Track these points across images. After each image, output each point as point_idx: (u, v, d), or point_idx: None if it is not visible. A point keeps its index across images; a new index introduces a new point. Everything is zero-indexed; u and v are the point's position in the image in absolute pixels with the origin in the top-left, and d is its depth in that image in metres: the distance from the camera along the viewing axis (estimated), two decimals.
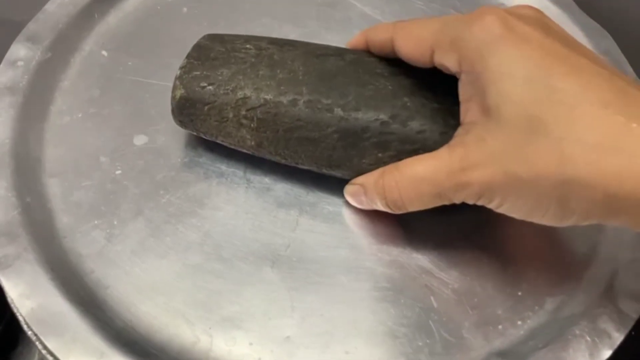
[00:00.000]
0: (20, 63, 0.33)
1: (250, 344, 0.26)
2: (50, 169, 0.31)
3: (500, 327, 0.28)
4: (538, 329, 0.28)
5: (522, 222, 0.25)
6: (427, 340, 0.27)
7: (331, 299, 0.28)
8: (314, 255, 0.29)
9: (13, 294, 0.26)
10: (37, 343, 0.25)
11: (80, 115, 0.33)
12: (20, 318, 0.26)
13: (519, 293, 0.29)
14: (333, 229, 0.30)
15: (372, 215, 0.30)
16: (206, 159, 0.32)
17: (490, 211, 0.25)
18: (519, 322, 0.28)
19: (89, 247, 0.28)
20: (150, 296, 0.27)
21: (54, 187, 0.30)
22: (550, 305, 0.29)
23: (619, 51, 0.37)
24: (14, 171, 0.29)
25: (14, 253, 0.27)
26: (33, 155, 0.31)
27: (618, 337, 0.27)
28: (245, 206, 0.30)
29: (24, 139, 0.31)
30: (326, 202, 0.31)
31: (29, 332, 0.25)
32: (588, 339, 0.27)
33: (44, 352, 0.25)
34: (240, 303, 0.27)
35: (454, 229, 0.30)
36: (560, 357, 0.26)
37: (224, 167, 0.31)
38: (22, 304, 0.26)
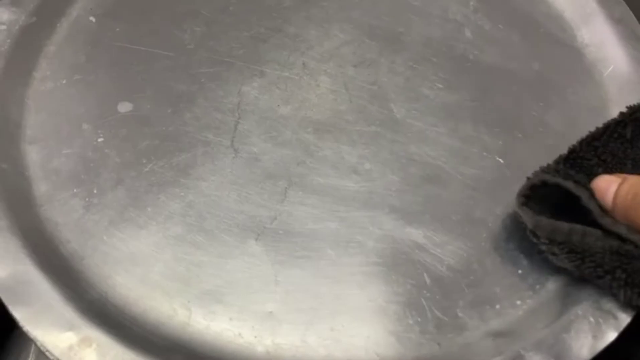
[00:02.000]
0: (2, 27, 0.32)
1: (230, 319, 0.25)
2: (30, 135, 0.29)
3: (497, 306, 0.26)
4: (538, 309, 0.26)
5: None
6: (419, 319, 0.26)
7: (318, 273, 0.26)
8: (301, 228, 0.28)
9: None
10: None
11: (64, 82, 0.31)
12: None
13: (520, 271, 0.27)
14: (323, 201, 0.28)
15: (364, 188, 0.29)
16: (192, 128, 0.30)
17: (489, 185, 0.24)
18: (518, 302, 0.26)
19: (66, 216, 0.27)
20: (127, 268, 0.26)
21: (32, 154, 0.29)
22: (552, 284, 0.27)
23: (634, 18, 0.35)
24: None
25: None
26: (13, 121, 0.29)
27: (624, 319, 0.25)
28: (231, 177, 0.29)
29: (4, 104, 0.30)
30: (317, 173, 0.29)
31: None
32: (591, 319, 0.25)
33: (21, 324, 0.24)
34: (221, 276, 0.26)
35: (450, 202, 0.29)
36: (561, 339, 0.24)
37: (210, 136, 0.30)
38: None
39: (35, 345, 0.23)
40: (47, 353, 0.23)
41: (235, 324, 0.25)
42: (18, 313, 0.24)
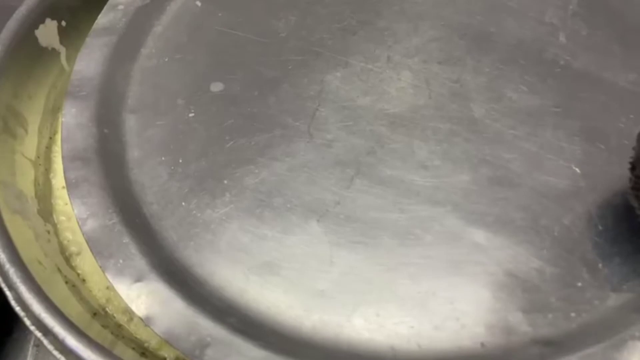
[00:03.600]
0: (120, 7, 0.36)
1: (284, 291, 0.27)
2: (131, 105, 0.33)
3: (550, 315, 0.26)
4: (593, 324, 0.25)
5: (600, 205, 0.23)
6: (466, 317, 0.26)
7: (372, 260, 0.27)
8: (362, 215, 0.28)
9: (77, 212, 0.28)
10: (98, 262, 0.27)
11: (166, 60, 0.34)
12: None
13: (579, 284, 0.26)
14: (387, 192, 0.29)
15: (430, 184, 0.29)
16: (274, 111, 0.32)
17: (560, 194, 0.23)
18: (573, 314, 0.26)
19: (152, 180, 0.30)
20: (198, 233, 0.28)
21: (131, 122, 0.32)
22: (612, 301, 0.26)
23: None
24: (98, 103, 0.32)
25: (84, 176, 0.29)
26: (117, 92, 0.33)
27: None
28: (302, 159, 0.30)
29: (112, 76, 0.33)
30: (385, 164, 0.30)
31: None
32: None
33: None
34: (281, 251, 0.28)
35: (517, 207, 0.28)
36: (610, 357, 0.24)
37: (289, 120, 0.32)
38: (83, 222, 0.28)
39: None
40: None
41: (288, 297, 0.26)
42: (100, 261, 0.27)
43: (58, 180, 0.35)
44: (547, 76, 0.33)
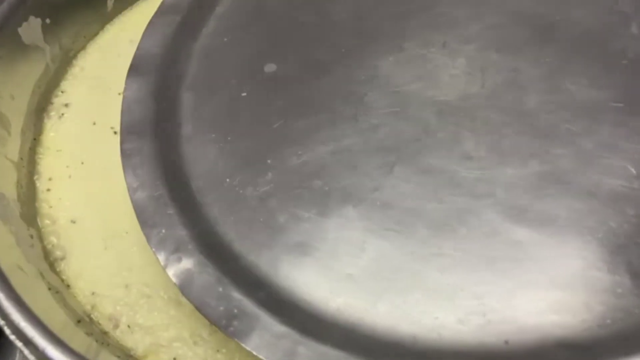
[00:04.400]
0: None
1: (314, 272, 0.27)
2: (188, 83, 0.34)
3: (583, 319, 0.25)
4: (628, 334, 0.24)
5: None
6: (493, 313, 0.25)
7: (404, 248, 0.27)
8: (399, 203, 0.28)
9: (128, 181, 0.30)
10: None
11: (225, 40, 0.35)
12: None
13: (619, 290, 0.25)
14: (427, 182, 0.29)
15: (473, 176, 0.28)
16: (323, 94, 0.32)
17: (611, 195, 0.21)
18: (608, 321, 0.24)
19: (201, 155, 0.31)
20: (238, 209, 0.29)
21: (187, 99, 0.33)
22: None
23: None
24: (157, 79, 0.33)
25: (138, 148, 0.31)
26: (177, 69, 0.34)
27: None
28: (346, 143, 0.30)
29: (174, 53, 0.35)
30: (428, 153, 0.30)
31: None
32: None
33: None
34: (315, 233, 0.28)
35: (563, 205, 0.27)
36: None
37: (338, 103, 0.32)
38: (133, 191, 0.30)
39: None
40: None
41: (317, 278, 0.27)
42: (144, 230, 0.28)
43: (42, 182, 0.36)
44: (611, 69, 0.31)
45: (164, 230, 0.28)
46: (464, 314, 0.25)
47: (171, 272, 0.27)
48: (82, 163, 0.38)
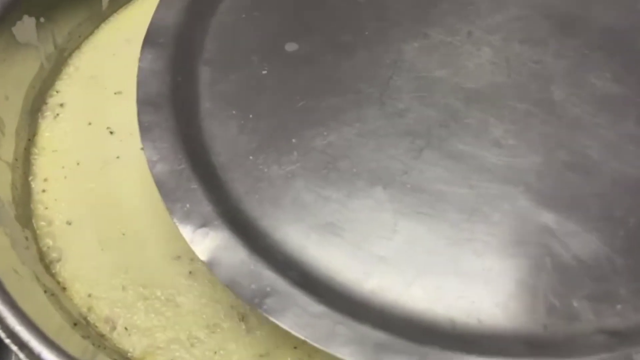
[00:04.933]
0: None
1: (344, 253, 0.26)
2: (206, 57, 0.33)
3: (618, 306, 0.25)
4: None
5: None
6: (530, 298, 0.25)
7: (436, 232, 0.27)
8: (429, 187, 0.28)
9: (148, 155, 0.28)
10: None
11: (243, 16, 0.34)
12: None
13: None
14: (457, 167, 0.29)
15: (503, 162, 0.28)
16: (348, 76, 0.32)
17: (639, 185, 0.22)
18: None
19: (222, 132, 0.30)
20: (263, 187, 0.28)
21: (205, 74, 0.32)
22: None
23: None
24: (174, 53, 0.32)
25: (156, 121, 0.29)
26: (194, 43, 0.33)
27: None
28: (372, 126, 0.30)
29: (191, 28, 0.33)
30: (457, 139, 0.29)
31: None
32: None
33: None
34: (344, 213, 0.27)
35: (592, 194, 0.27)
36: None
37: (363, 86, 0.31)
38: (153, 165, 0.28)
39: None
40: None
41: (347, 259, 0.26)
42: (167, 204, 0.27)
43: (38, 183, 0.35)
44: (635, 65, 0.31)
45: (188, 205, 0.27)
46: (501, 298, 0.25)
47: (198, 248, 0.26)
48: (78, 163, 0.37)
